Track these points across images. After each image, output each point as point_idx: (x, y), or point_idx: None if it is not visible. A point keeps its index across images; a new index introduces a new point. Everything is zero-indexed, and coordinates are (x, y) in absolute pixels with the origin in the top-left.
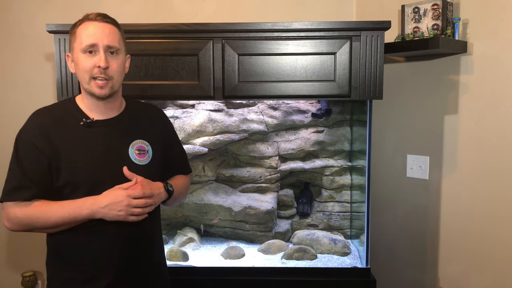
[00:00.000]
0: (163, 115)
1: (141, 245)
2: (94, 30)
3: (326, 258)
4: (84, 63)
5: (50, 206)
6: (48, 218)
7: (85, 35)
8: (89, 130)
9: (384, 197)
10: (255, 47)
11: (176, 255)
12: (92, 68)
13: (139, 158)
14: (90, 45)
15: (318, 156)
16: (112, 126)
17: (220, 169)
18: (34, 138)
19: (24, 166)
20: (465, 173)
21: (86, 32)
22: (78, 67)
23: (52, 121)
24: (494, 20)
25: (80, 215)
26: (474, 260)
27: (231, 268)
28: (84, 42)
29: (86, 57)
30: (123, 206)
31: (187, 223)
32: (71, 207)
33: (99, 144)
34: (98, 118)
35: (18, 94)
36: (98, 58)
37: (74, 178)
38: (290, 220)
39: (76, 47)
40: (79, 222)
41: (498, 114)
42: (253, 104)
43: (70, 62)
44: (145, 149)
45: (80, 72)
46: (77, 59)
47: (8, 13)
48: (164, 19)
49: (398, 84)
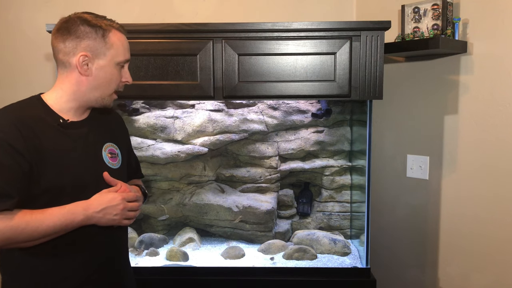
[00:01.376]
0: (122, 120)
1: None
2: (127, 46)
3: (326, 258)
4: (117, 76)
5: (36, 214)
6: (36, 228)
7: (124, 49)
8: (66, 131)
9: (384, 197)
10: (255, 47)
11: (176, 255)
12: (119, 81)
13: (112, 162)
14: (127, 61)
15: (318, 156)
16: (86, 128)
17: (220, 169)
18: (12, 139)
19: (3, 172)
20: (465, 173)
21: (124, 46)
22: (106, 76)
23: (28, 119)
24: (494, 20)
25: (74, 221)
26: (474, 260)
27: (231, 268)
28: (123, 56)
29: (119, 69)
30: (119, 210)
31: (187, 223)
32: (62, 214)
33: (79, 147)
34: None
35: (18, 94)
36: (127, 74)
37: (59, 182)
38: (290, 220)
39: (110, 55)
40: (69, 230)
41: (498, 114)
42: (253, 104)
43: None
44: (116, 152)
45: (107, 82)
46: (107, 68)
47: (8, 13)
48: (164, 19)
49: (398, 84)
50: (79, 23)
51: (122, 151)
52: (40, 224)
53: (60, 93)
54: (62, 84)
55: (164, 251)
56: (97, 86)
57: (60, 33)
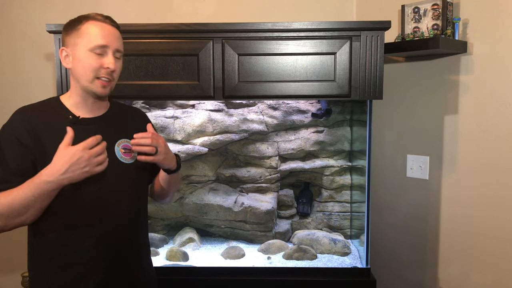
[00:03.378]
0: (144, 116)
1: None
2: (106, 32)
3: (326, 258)
4: (90, 62)
5: (11, 192)
6: (12, 203)
7: (96, 35)
8: (75, 127)
9: (384, 197)
10: (255, 47)
11: (176, 255)
12: (99, 68)
13: (125, 157)
14: (101, 46)
15: (318, 156)
16: (98, 124)
17: (220, 169)
18: (18, 133)
19: (6, 160)
20: (465, 173)
21: (97, 33)
22: (82, 64)
23: (37, 117)
24: (494, 20)
25: (44, 190)
26: (474, 260)
27: (231, 268)
28: (94, 42)
29: (93, 56)
30: (85, 161)
31: (187, 223)
32: (30, 187)
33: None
34: (84, 116)
35: (18, 94)
36: (108, 60)
37: None
38: (290, 220)
39: (82, 43)
40: (47, 198)
41: (498, 114)
42: (253, 104)
43: (65, 56)
44: (130, 147)
45: (83, 69)
46: (81, 56)
47: (8, 13)
48: (164, 19)
49: (398, 84)
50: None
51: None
52: (13, 199)
53: (69, 91)
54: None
55: (164, 251)
56: (78, 75)
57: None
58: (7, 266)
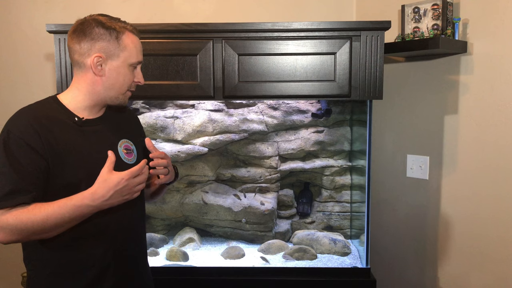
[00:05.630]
0: (136, 118)
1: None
2: (140, 47)
3: (326, 258)
4: (130, 77)
5: (45, 207)
6: (45, 221)
7: (137, 51)
8: (81, 129)
9: (384, 197)
10: (255, 47)
11: (176, 255)
12: (131, 82)
13: (127, 157)
14: (140, 62)
15: (318, 156)
16: (101, 125)
17: (220, 169)
18: (27, 137)
19: (20, 168)
20: (465, 173)
21: (137, 48)
22: (121, 77)
23: (44, 119)
24: (494, 20)
25: (83, 213)
26: (474, 260)
27: (231, 268)
28: (136, 58)
29: (131, 70)
30: (128, 190)
31: (187, 223)
32: (70, 207)
33: (94, 143)
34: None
35: (18, 94)
36: (140, 75)
37: (75, 178)
38: (290, 220)
39: (123, 57)
40: (81, 219)
41: (498, 114)
42: (253, 104)
43: (99, 64)
44: (131, 148)
45: (121, 82)
46: (121, 69)
47: (8, 13)
48: (164, 19)
49: (398, 84)
50: (94, 25)
51: (137, 147)
52: (47, 217)
53: (76, 92)
54: (77, 84)
55: (164, 251)
56: (111, 86)
57: (76, 35)
58: (7, 266)
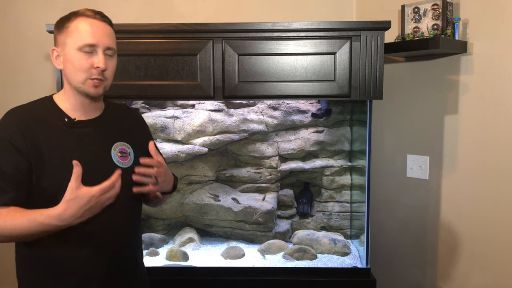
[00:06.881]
0: (143, 121)
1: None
2: (94, 29)
3: (326, 258)
4: (80, 62)
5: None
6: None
7: (85, 33)
8: (71, 130)
9: (384, 197)
10: (255, 47)
11: (176, 255)
12: (89, 68)
13: (121, 161)
14: (90, 45)
15: (318, 156)
16: (94, 127)
17: (220, 169)
18: (12, 137)
19: (1, 169)
20: (465, 173)
21: (86, 30)
22: (72, 64)
23: (32, 119)
24: (494, 20)
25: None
26: (474, 260)
27: (231, 268)
28: (82, 41)
29: (83, 55)
30: (99, 205)
31: (187, 223)
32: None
33: (83, 145)
34: (80, 119)
35: (18, 94)
36: (98, 59)
37: (59, 180)
38: (290, 220)
39: (71, 43)
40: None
41: (498, 114)
42: (253, 104)
43: (56, 57)
44: (127, 151)
45: (74, 70)
46: (70, 56)
47: (8, 13)
48: (164, 19)
49: (398, 84)
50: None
51: (135, 150)
52: (15, 227)
53: (62, 91)
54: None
55: (164, 251)
56: (69, 76)
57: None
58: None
